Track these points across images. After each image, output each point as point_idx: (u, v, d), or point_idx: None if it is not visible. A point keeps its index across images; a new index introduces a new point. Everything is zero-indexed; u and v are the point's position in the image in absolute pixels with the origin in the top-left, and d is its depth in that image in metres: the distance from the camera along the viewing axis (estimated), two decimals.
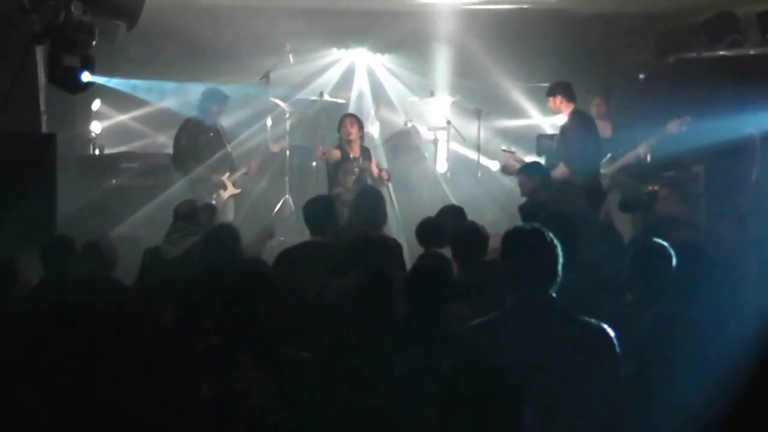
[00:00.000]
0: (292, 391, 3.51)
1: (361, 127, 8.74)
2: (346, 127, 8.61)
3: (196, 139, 8.68)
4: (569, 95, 8.19)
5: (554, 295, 3.46)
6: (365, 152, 8.75)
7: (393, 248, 5.43)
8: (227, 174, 8.82)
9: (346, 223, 6.45)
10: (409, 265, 5.09)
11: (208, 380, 3.46)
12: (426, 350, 3.57)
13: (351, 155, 8.57)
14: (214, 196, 8.57)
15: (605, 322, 3.54)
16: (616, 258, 4.90)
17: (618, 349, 3.40)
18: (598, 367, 3.35)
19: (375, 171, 8.66)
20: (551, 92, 8.28)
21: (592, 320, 3.47)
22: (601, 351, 3.38)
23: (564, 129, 8.24)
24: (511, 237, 3.59)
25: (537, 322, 3.40)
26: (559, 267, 3.48)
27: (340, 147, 8.64)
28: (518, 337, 3.37)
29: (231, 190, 8.81)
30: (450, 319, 3.82)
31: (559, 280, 3.46)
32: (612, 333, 3.42)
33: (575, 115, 8.18)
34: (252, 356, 3.58)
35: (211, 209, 6.92)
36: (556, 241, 3.53)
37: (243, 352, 3.60)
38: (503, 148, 9.23)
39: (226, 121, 9.15)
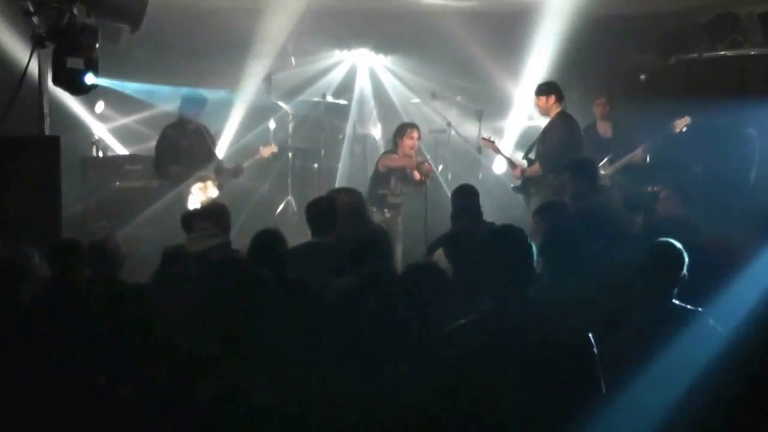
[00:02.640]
0: (293, 391, 3.53)
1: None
2: (413, 140, 8.72)
3: (177, 143, 8.67)
4: (561, 96, 8.26)
5: (530, 294, 3.43)
6: None
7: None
8: (212, 176, 8.81)
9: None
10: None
11: (208, 382, 3.47)
12: (417, 353, 3.54)
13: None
14: (198, 195, 8.50)
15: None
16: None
17: (595, 350, 3.38)
18: (575, 368, 3.32)
19: (417, 176, 8.78)
20: (546, 92, 8.31)
21: (570, 320, 3.46)
22: (578, 351, 3.36)
23: (547, 129, 8.29)
24: (487, 238, 3.56)
25: (514, 323, 3.36)
26: (535, 266, 3.47)
27: (392, 152, 8.78)
28: (496, 339, 3.33)
29: (211, 190, 8.70)
30: None
31: (534, 278, 3.46)
32: (589, 333, 3.39)
33: (562, 117, 8.23)
34: (252, 357, 3.60)
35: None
36: (530, 240, 3.51)
37: (242, 353, 3.61)
38: (483, 136, 9.30)
39: (228, 123, 9.18)
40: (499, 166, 10.11)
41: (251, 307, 3.70)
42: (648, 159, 8.72)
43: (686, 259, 4.14)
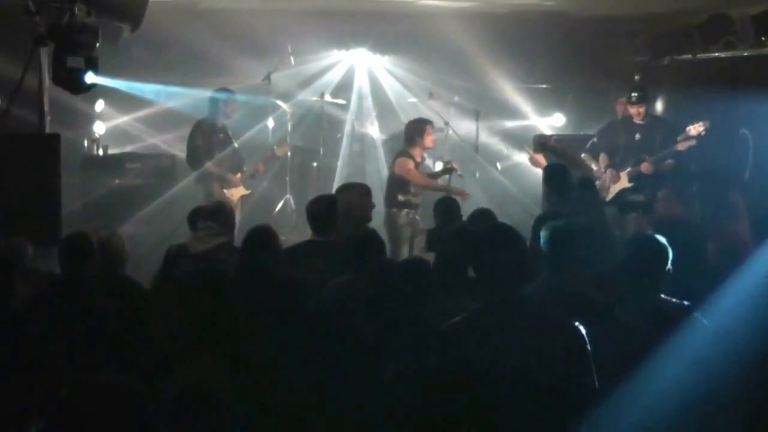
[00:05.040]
0: (255, 389, 3.51)
1: None
2: (431, 136, 8.59)
3: (210, 140, 8.76)
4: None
5: (524, 293, 3.42)
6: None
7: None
8: (238, 175, 8.90)
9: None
10: None
11: (173, 381, 3.46)
12: (411, 350, 3.58)
13: (418, 161, 8.64)
14: (226, 195, 8.59)
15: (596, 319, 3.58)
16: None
17: (589, 347, 3.38)
18: (568, 365, 3.32)
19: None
20: (646, 100, 8.44)
21: (564, 318, 3.46)
22: (571, 349, 3.35)
23: (653, 128, 8.37)
24: (482, 236, 3.55)
25: (508, 321, 3.35)
26: (529, 264, 3.44)
27: (407, 154, 8.55)
28: (489, 337, 3.32)
29: (242, 191, 8.86)
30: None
31: (529, 277, 3.43)
32: (583, 330, 3.39)
33: (655, 116, 8.50)
34: (215, 355, 3.58)
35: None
36: (524, 239, 3.51)
37: (207, 351, 3.59)
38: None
39: (228, 121, 9.25)
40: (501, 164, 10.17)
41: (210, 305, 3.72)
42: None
43: (670, 254, 4.13)
